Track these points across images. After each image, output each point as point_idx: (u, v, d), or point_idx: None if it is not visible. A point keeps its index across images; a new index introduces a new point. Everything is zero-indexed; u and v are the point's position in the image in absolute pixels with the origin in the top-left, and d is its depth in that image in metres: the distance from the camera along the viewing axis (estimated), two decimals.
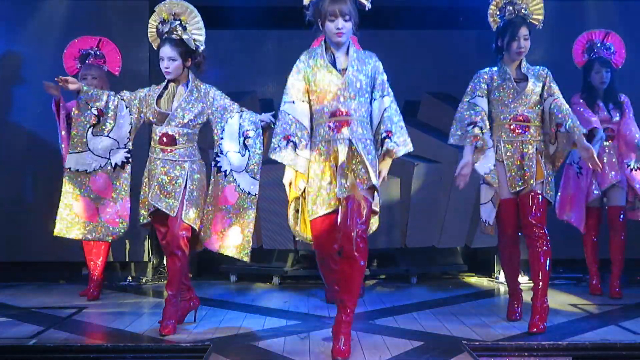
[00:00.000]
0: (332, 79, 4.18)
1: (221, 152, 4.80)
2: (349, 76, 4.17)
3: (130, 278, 6.87)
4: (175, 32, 4.75)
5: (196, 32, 4.79)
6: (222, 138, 4.79)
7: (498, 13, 4.97)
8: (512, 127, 4.82)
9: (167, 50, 4.72)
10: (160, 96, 4.80)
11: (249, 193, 4.78)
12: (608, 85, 5.93)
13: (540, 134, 4.83)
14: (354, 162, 4.17)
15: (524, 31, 4.81)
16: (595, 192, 5.94)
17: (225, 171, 4.79)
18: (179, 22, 4.76)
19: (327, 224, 4.24)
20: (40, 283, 6.66)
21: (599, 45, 6.00)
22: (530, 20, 4.89)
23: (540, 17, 4.92)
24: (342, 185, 4.14)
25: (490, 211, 4.92)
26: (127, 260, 6.90)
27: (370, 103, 4.24)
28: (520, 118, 4.81)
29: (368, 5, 4.22)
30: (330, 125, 4.19)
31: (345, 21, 4.13)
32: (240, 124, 4.78)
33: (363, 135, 4.20)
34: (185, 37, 4.74)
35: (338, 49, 4.23)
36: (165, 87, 4.82)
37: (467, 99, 4.90)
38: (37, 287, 6.51)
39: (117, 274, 6.86)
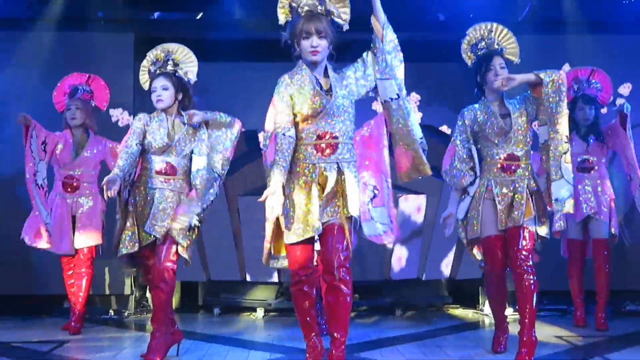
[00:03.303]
0: (318, 100, 4.10)
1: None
2: (336, 97, 4.11)
3: (112, 311, 6.79)
4: (167, 67, 4.81)
5: (189, 65, 4.87)
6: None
7: (471, 50, 4.92)
8: (503, 167, 4.75)
9: (159, 81, 4.75)
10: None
11: None
12: (592, 122, 5.98)
13: (529, 171, 4.76)
14: (339, 188, 4.10)
15: (498, 60, 4.75)
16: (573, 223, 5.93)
17: None
18: (172, 58, 4.83)
19: (305, 249, 4.14)
20: (22, 317, 6.56)
21: (584, 82, 6.05)
22: (506, 56, 4.83)
23: (515, 51, 4.86)
24: (327, 211, 4.08)
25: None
26: (107, 293, 6.82)
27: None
28: (510, 157, 4.74)
29: (346, 26, 4.17)
30: (317, 148, 4.11)
31: (319, 38, 4.07)
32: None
33: (350, 159, 4.15)
34: (178, 71, 4.81)
35: (315, 69, 4.16)
36: (158, 119, 4.78)
37: (458, 140, 4.86)
38: (19, 321, 6.41)
39: (98, 307, 6.78)
